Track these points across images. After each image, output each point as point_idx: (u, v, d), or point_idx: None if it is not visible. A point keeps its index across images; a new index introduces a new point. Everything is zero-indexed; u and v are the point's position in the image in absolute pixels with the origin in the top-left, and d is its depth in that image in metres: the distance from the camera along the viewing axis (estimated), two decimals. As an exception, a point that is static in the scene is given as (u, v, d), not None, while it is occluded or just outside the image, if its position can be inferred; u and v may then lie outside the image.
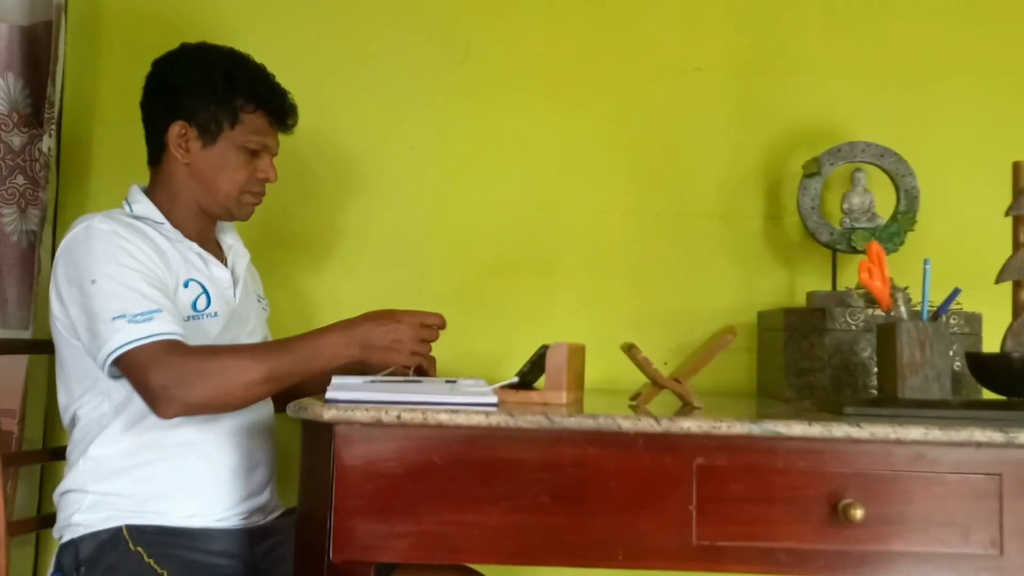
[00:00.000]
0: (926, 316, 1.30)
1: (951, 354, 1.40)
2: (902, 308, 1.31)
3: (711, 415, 1.09)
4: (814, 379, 1.51)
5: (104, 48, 1.85)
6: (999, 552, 1.06)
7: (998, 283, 1.31)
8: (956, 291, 1.31)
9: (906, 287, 1.37)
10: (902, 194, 1.67)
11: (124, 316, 1.23)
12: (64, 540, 1.32)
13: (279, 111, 1.45)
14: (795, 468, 1.06)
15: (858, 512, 1.03)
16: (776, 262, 1.82)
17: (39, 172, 1.64)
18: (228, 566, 1.33)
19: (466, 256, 1.82)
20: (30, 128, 1.66)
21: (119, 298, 1.25)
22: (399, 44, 1.85)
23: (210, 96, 1.39)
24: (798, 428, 1.05)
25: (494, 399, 1.11)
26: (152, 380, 1.21)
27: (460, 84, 1.84)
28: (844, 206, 1.71)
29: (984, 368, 1.28)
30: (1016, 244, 1.32)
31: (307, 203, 1.83)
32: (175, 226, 1.40)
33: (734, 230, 1.82)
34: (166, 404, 1.21)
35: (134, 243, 1.31)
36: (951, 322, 1.50)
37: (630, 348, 1.23)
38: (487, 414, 1.06)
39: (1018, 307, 1.31)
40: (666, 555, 1.05)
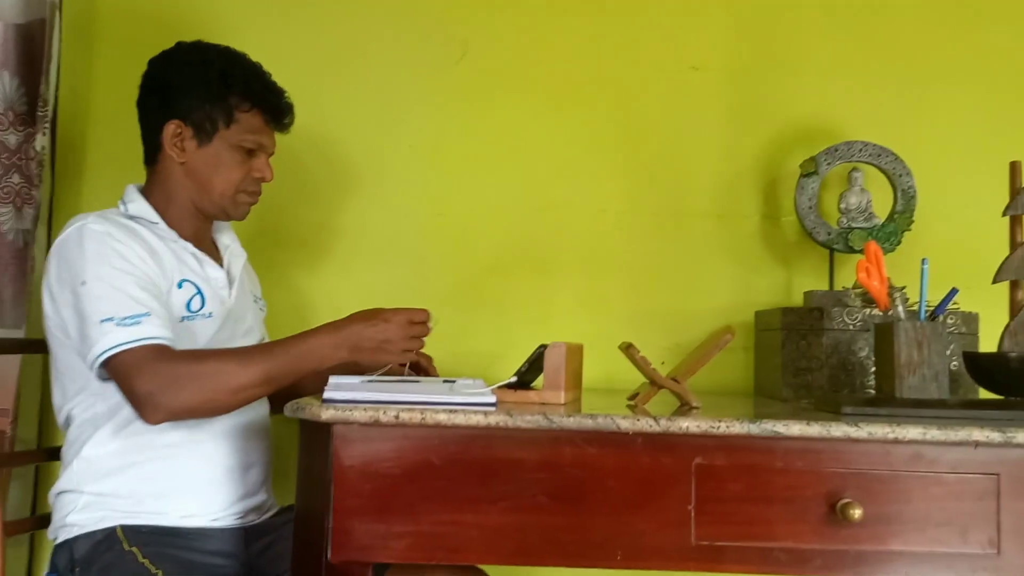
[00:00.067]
0: (923, 316, 1.30)
1: (948, 354, 1.41)
2: (900, 308, 1.31)
3: (709, 415, 1.09)
4: (811, 379, 1.52)
5: (99, 46, 1.84)
6: (997, 552, 1.06)
7: (995, 283, 1.31)
8: (954, 291, 1.31)
9: (903, 287, 1.37)
10: (899, 194, 1.68)
11: (112, 319, 1.22)
12: (59, 541, 1.32)
13: (275, 110, 1.44)
14: (793, 468, 1.06)
15: (856, 512, 1.03)
16: (773, 262, 1.82)
17: (33, 171, 1.64)
18: (223, 565, 1.32)
19: (463, 255, 1.82)
20: (26, 127, 1.65)
21: (108, 300, 1.24)
22: (396, 43, 1.85)
23: (205, 95, 1.38)
24: (796, 428, 1.05)
25: (492, 399, 1.11)
26: (138, 386, 1.20)
27: (457, 83, 1.84)
28: (841, 205, 1.71)
29: (981, 368, 1.29)
30: (1013, 244, 1.32)
31: (304, 202, 1.82)
32: (170, 226, 1.39)
33: (731, 230, 1.82)
34: (152, 410, 1.20)
35: (127, 244, 1.30)
36: (948, 322, 1.50)
37: (628, 348, 1.23)
38: (486, 414, 1.05)
39: (1015, 307, 1.32)
40: (665, 555, 1.05)
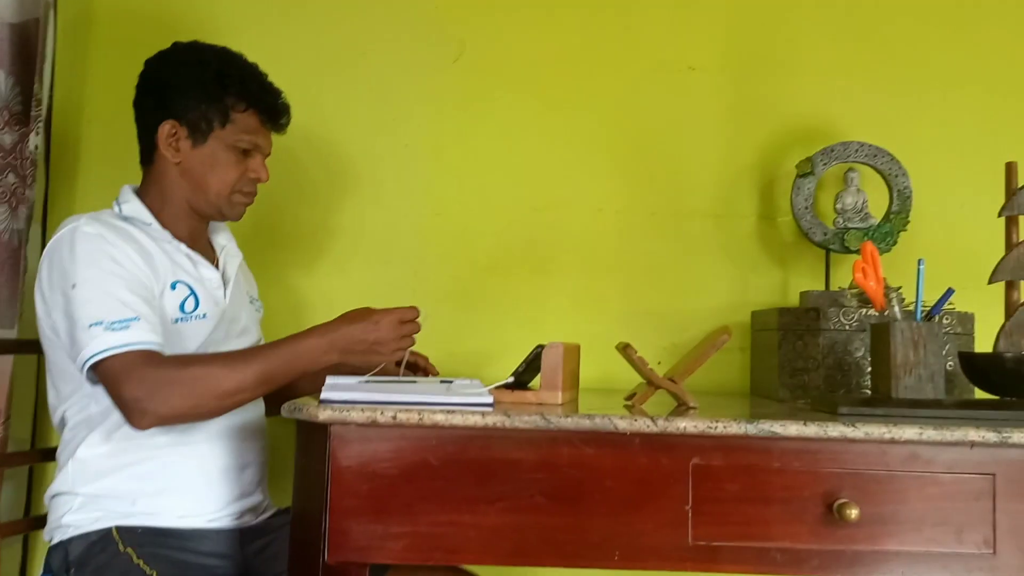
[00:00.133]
0: (920, 316, 1.30)
1: (944, 354, 1.41)
2: (896, 308, 1.31)
3: (706, 415, 1.09)
4: (808, 379, 1.52)
5: (94, 46, 1.83)
6: (992, 552, 1.06)
7: (991, 283, 1.31)
8: (950, 291, 1.32)
9: (899, 287, 1.37)
10: (895, 194, 1.68)
11: (101, 323, 1.22)
12: (54, 542, 1.31)
13: (271, 110, 1.43)
14: (790, 468, 1.07)
15: (853, 512, 1.03)
16: (770, 262, 1.83)
17: (27, 170, 1.63)
18: (219, 566, 1.32)
19: (460, 255, 1.82)
20: (21, 126, 1.64)
21: (97, 304, 1.23)
22: (393, 42, 1.84)
23: (200, 95, 1.37)
24: (793, 428, 1.05)
25: (490, 399, 1.11)
26: (126, 391, 1.19)
27: (454, 83, 1.84)
28: (837, 206, 1.71)
29: (977, 368, 1.29)
30: (1009, 244, 1.32)
31: (301, 202, 1.82)
32: (165, 226, 1.39)
33: (728, 229, 1.83)
34: (139, 416, 1.19)
35: (119, 247, 1.29)
36: (944, 322, 1.50)
37: (625, 348, 1.23)
38: (483, 414, 1.05)
39: (1011, 307, 1.32)
40: (662, 555, 1.05)
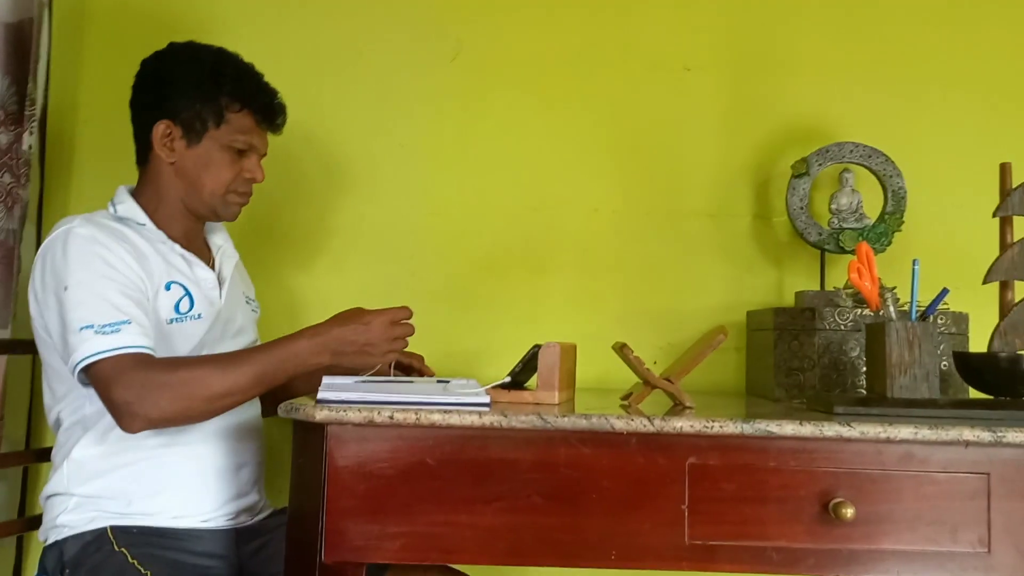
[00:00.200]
0: (915, 316, 1.31)
1: (938, 354, 1.41)
2: (891, 308, 1.32)
3: (703, 415, 1.09)
4: (803, 378, 1.52)
5: (88, 45, 1.83)
6: (987, 550, 1.07)
7: (986, 283, 1.32)
8: (944, 291, 1.32)
9: (894, 287, 1.37)
10: (889, 194, 1.68)
11: (92, 326, 1.21)
12: (49, 542, 1.31)
13: (266, 110, 1.43)
14: (787, 467, 1.07)
15: (849, 511, 1.04)
16: (765, 261, 1.83)
17: (21, 170, 1.62)
18: (214, 567, 1.32)
19: (457, 254, 1.82)
20: (16, 126, 1.64)
21: (89, 307, 1.23)
22: (389, 41, 1.84)
23: (195, 94, 1.37)
24: (790, 428, 1.05)
25: (487, 399, 1.11)
26: (115, 395, 1.19)
27: (451, 81, 1.84)
28: (832, 206, 1.71)
29: (972, 367, 1.29)
30: (1003, 245, 1.33)
31: (297, 201, 1.82)
32: (159, 227, 1.38)
33: (724, 229, 1.83)
34: (129, 419, 1.19)
35: (112, 249, 1.29)
36: (939, 322, 1.51)
37: (622, 348, 1.23)
38: (480, 414, 1.06)
39: (1005, 307, 1.32)
40: (659, 555, 1.06)
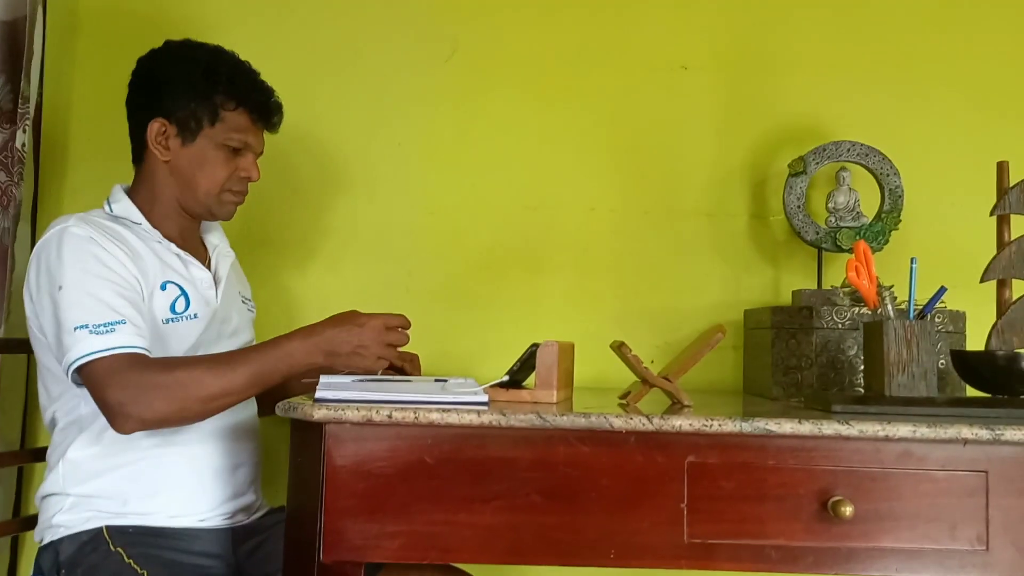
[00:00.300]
0: (912, 314, 1.31)
1: (936, 352, 1.42)
2: (889, 307, 1.32)
3: (701, 413, 1.09)
4: (801, 377, 1.52)
5: (82, 43, 1.82)
6: (985, 548, 1.07)
7: (983, 282, 1.32)
8: (942, 289, 1.32)
9: (891, 286, 1.38)
10: (886, 193, 1.69)
11: (86, 326, 1.21)
12: (44, 542, 1.31)
13: (262, 109, 1.42)
14: (785, 466, 1.07)
15: (847, 509, 1.04)
16: (762, 260, 1.83)
17: (15, 168, 1.62)
18: (211, 566, 1.32)
19: (453, 254, 1.81)
20: (10, 124, 1.63)
21: (83, 307, 1.22)
22: (386, 40, 1.84)
23: (189, 93, 1.37)
24: (788, 426, 1.05)
25: (485, 398, 1.11)
26: (109, 395, 1.18)
27: (447, 81, 1.83)
28: (829, 205, 1.72)
29: (969, 366, 1.30)
30: (1001, 243, 1.33)
31: (293, 201, 1.81)
32: (155, 226, 1.38)
33: (721, 228, 1.83)
34: (123, 420, 1.18)
35: (107, 249, 1.28)
36: (936, 320, 1.51)
37: (620, 347, 1.23)
38: (479, 413, 1.05)
39: (1002, 305, 1.33)
40: (658, 553, 1.06)
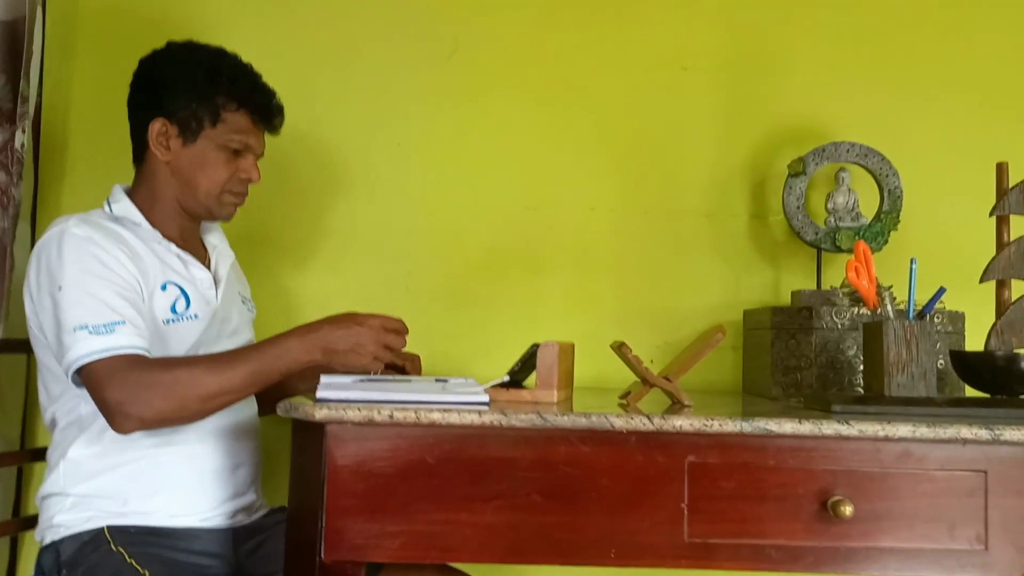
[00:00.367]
0: (912, 315, 1.31)
1: (935, 352, 1.42)
2: (888, 307, 1.32)
3: (701, 413, 1.09)
4: (800, 377, 1.53)
5: (81, 44, 1.82)
6: (984, 548, 1.07)
7: (982, 282, 1.32)
8: (942, 290, 1.33)
9: (890, 286, 1.38)
10: (886, 194, 1.69)
11: (86, 327, 1.21)
12: (45, 542, 1.31)
13: (263, 110, 1.43)
14: (785, 465, 1.07)
15: (847, 509, 1.04)
16: (761, 261, 1.83)
17: (13, 168, 1.62)
18: (211, 566, 1.32)
19: (453, 254, 1.81)
20: (10, 124, 1.63)
21: (83, 307, 1.22)
22: (386, 40, 1.84)
23: (191, 93, 1.37)
24: (788, 426, 1.05)
25: (486, 398, 1.11)
26: (108, 395, 1.18)
27: (447, 81, 1.83)
28: (828, 205, 1.72)
29: (969, 366, 1.30)
30: (1000, 244, 1.33)
31: (293, 202, 1.81)
32: (155, 226, 1.38)
33: (720, 229, 1.83)
34: (122, 420, 1.19)
35: (107, 250, 1.28)
36: (935, 321, 1.51)
37: (620, 347, 1.24)
38: (480, 413, 1.06)
39: (1002, 306, 1.33)
40: (658, 553, 1.06)
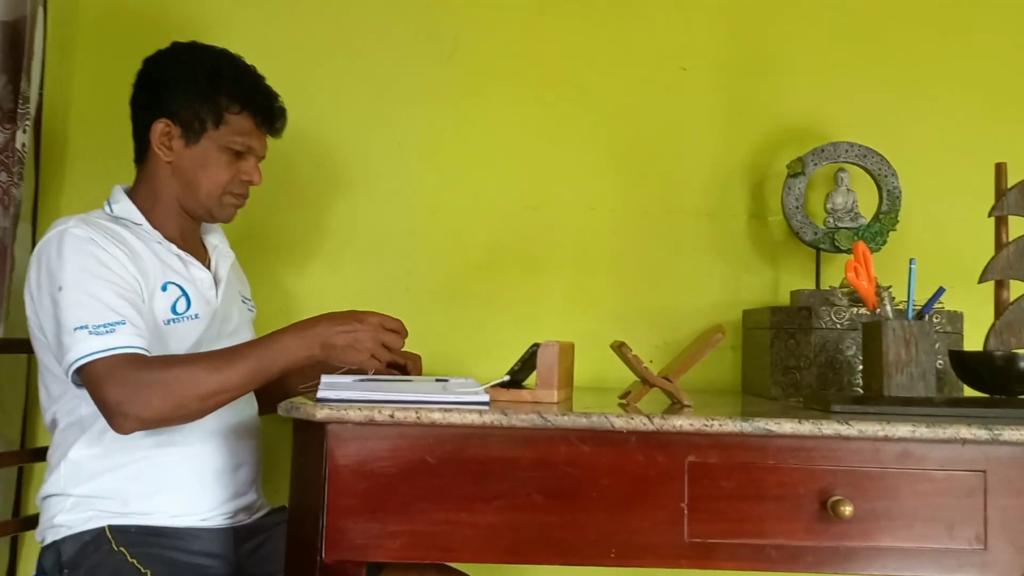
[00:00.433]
0: (911, 315, 1.31)
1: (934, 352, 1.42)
2: (888, 307, 1.33)
3: (701, 413, 1.10)
4: (800, 377, 1.53)
5: (82, 44, 1.82)
6: (983, 547, 1.08)
7: (981, 283, 1.32)
8: (941, 290, 1.33)
9: (889, 286, 1.38)
10: (884, 194, 1.69)
11: (86, 327, 1.21)
12: (46, 542, 1.31)
13: (266, 113, 1.43)
14: (785, 465, 1.08)
15: (847, 509, 1.05)
16: (761, 260, 1.83)
17: (14, 168, 1.62)
18: (212, 566, 1.32)
19: (453, 253, 1.81)
20: (11, 124, 1.63)
21: (83, 308, 1.22)
22: (385, 39, 1.84)
23: (194, 94, 1.37)
24: (788, 426, 1.06)
25: (486, 398, 1.11)
26: (107, 395, 1.18)
27: (447, 80, 1.84)
28: (827, 205, 1.72)
29: (968, 366, 1.30)
30: (999, 244, 1.33)
31: (292, 202, 1.81)
32: (155, 226, 1.38)
33: (720, 228, 1.83)
34: (121, 419, 1.18)
35: (107, 250, 1.28)
36: (934, 321, 1.52)
37: (620, 347, 1.24)
38: (480, 413, 1.06)
39: (1000, 306, 1.33)
40: (658, 553, 1.06)
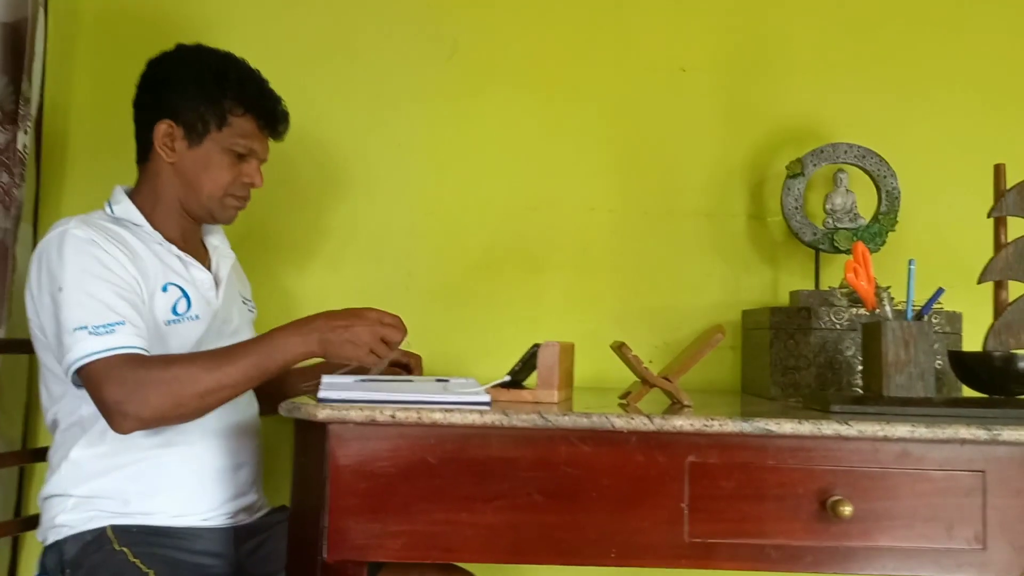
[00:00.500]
0: (910, 315, 1.32)
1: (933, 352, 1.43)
2: (887, 307, 1.33)
3: (701, 413, 1.10)
4: (799, 377, 1.53)
5: (83, 45, 1.82)
6: (982, 547, 1.08)
7: (980, 283, 1.33)
8: (940, 290, 1.33)
9: (888, 287, 1.38)
10: (883, 195, 1.70)
11: (86, 327, 1.21)
12: (48, 542, 1.31)
13: (269, 116, 1.43)
14: (785, 465, 1.08)
15: (846, 509, 1.05)
16: (760, 261, 1.84)
17: (15, 169, 1.62)
18: (213, 565, 1.33)
19: (453, 254, 1.82)
20: (12, 125, 1.63)
21: (83, 308, 1.23)
22: (385, 40, 1.84)
23: (198, 95, 1.37)
24: (788, 426, 1.06)
25: (487, 398, 1.12)
26: (107, 395, 1.19)
27: (447, 81, 1.84)
28: (827, 206, 1.73)
29: (967, 366, 1.31)
30: (998, 245, 1.34)
31: (292, 202, 1.81)
32: (156, 227, 1.38)
33: (719, 229, 1.84)
34: (120, 419, 1.19)
35: (108, 251, 1.28)
36: (933, 321, 1.52)
37: (620, 347, 1.24)
38: (481, 413, 1.06)
39: (999, 307, 1.34)
40: (658, 553, 1.07)
